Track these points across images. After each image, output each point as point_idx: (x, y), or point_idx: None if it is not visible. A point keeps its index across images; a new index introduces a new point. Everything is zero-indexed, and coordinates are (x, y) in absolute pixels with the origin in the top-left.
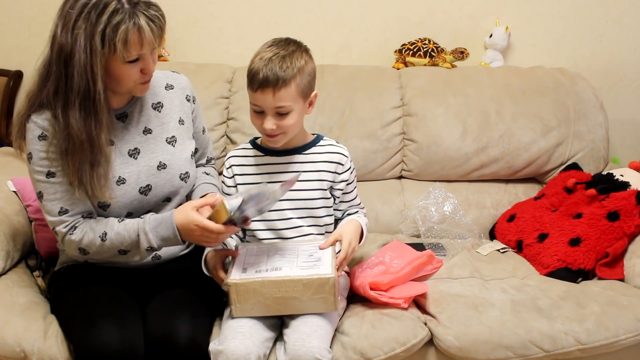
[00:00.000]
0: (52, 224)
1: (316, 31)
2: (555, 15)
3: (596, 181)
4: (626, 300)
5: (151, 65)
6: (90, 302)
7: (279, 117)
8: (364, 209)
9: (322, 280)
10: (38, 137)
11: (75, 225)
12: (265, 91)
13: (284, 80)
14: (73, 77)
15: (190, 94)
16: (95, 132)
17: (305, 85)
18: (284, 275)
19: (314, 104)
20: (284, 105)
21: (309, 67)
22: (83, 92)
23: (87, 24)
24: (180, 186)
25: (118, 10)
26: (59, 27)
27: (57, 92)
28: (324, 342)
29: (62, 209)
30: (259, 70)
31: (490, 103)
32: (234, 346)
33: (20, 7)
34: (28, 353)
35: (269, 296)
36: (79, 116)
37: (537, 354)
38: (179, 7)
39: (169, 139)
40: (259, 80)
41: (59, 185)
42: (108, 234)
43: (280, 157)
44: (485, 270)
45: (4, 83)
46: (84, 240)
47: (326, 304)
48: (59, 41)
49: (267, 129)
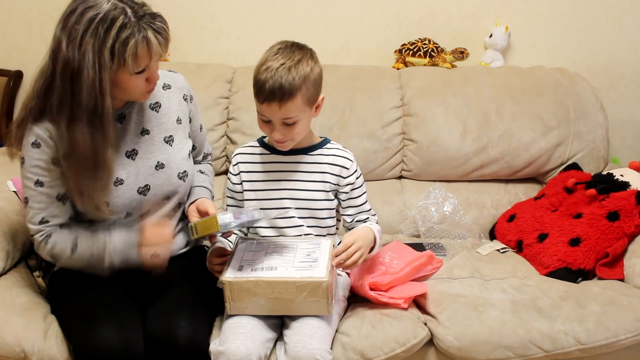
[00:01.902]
0: (31, 231)
1: (316, 31)
2: (555, 15)
3: (596, 181)
4: (626, 300)
5: (156, 74)
6: (89, 302)
7: (286, 127)
8: (375, 216)
9: (316, 284)
10: (31, 144)
11: (50, 233)
12: (271, 104)
13: (290, 94)
14: (80, 93)
15: (188, 93)
16: (101, 148)
17: (311, 93)
18: (278, 276)
19: (322, 107)
20: (291, 116)
21: (314, 73)
22: (91, 109)
23: (95, 40)
24: (179, 185)
25: (126, 25)
26: (63, 42)
27: (62, 107)
28: (325, 344)
29: (44, 219)
30: (265, 82)
31: (490, 103)
32: (235, 347)
33: (20, 7)
34: (28, 353)
35: (263, 296)
36: (86, 132)
37: (537, 354)
38: (179, 7)
39: (167, 138)
40: (265, 94)
41: (45, 195)
42: (78, 245)
43: (287, 157)
44: (485, 270)
45: (4, 83)
46: (56, 249)
47: (319, 307)
48: (64, 56)
49: (275, 139)
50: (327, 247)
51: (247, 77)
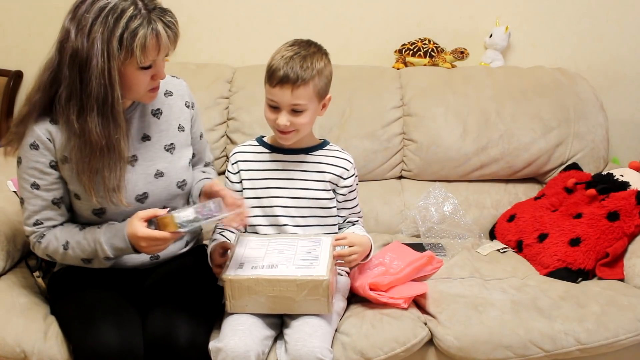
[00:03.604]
0: (25, 232)
1: (316, 31)
2: (555, 15)
3: (596, 181)
4: (626, 300)
5: (163, 71)
6: (89, 303)
7: (293, 114)
8: (362, 218)
9: (316, 282)
10: (30, 146)
11: (43, 233)
12: (284, 87)
13: (304, 79)
14: (90, 83)
15: (189, 100)
16: (115, 137)
17: (322, 87)
18: (279, 274)
19: (327, 107)
20: (300, 103)
21: (327, 70)
22: (102, 98)
23: (104, 28)
24: (177, 194)
25: (136, 16)
26: (72, 31)
27: (71, 97)
28: (325, 342)
29: (38, 221)
30: (280, 67)
31: (490, 103)
32: (234, 343)
33: (20, 7)
34: (28, 353)
35: (263, 294)
36: (98, 122)
37: (537, 354)
38: (179, 7)
39: (168, 146)
40: (279, 77)
41: (40, 199)
42: (70, 242)
43: (286, 156)
44: (485, 270)
45: (4, 83)
46: (49, 248)
47: (320, 305)
48: (72, 45)
49: (280, 125)
50: (327, 245)
51: (247, 77)
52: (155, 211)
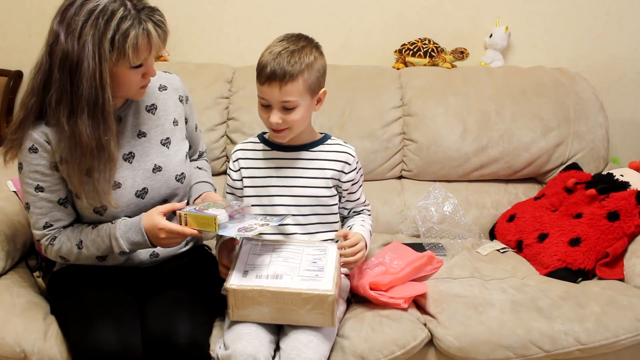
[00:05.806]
0: (36, 236)
1: (316, 31)
2: (555, 15)
3: (596, 181)
4: (626, 300)
5: (153, 69)
6: (88, 302)
7: (285, 112)
8: (368, 206)
9: (322, 297)
10: (29, 150)
11: (55, 235)
12: (272, 85)
13: (291, 75)
14: (81, 85)
15: (183, 94)
16: (105, 139)
17: (313, 81)
18: (284, 286)
19: (323, 101)
20: (290, 99)
21: (318, 63)
22: (93, 100)
23: (95, 31)
24: (177, 187)
25: (126, 17)
26: (61, 34)
27: (61, 100)
28: (320, 353)
29: (47, 223)
30: (267, 63)
31: (490, 103)
32: (242, 347)
33: (20, 7)
34: (28, 353)
35: (267, 305)
36: (89, 124)
37: (537, 354)
38: (179, 7)
39: (164, 140)
40: (267, 74)
41: (46, 201)
42: (83, 241)
43: (287, 153)
44: (485, 270)
45: (4, 83)
46: (63, 249)
47: (324, 319)
48: (62, 48)
49: (272, 123)
50: (333, 254)
51: (247, 77)
52: (173, 205)
